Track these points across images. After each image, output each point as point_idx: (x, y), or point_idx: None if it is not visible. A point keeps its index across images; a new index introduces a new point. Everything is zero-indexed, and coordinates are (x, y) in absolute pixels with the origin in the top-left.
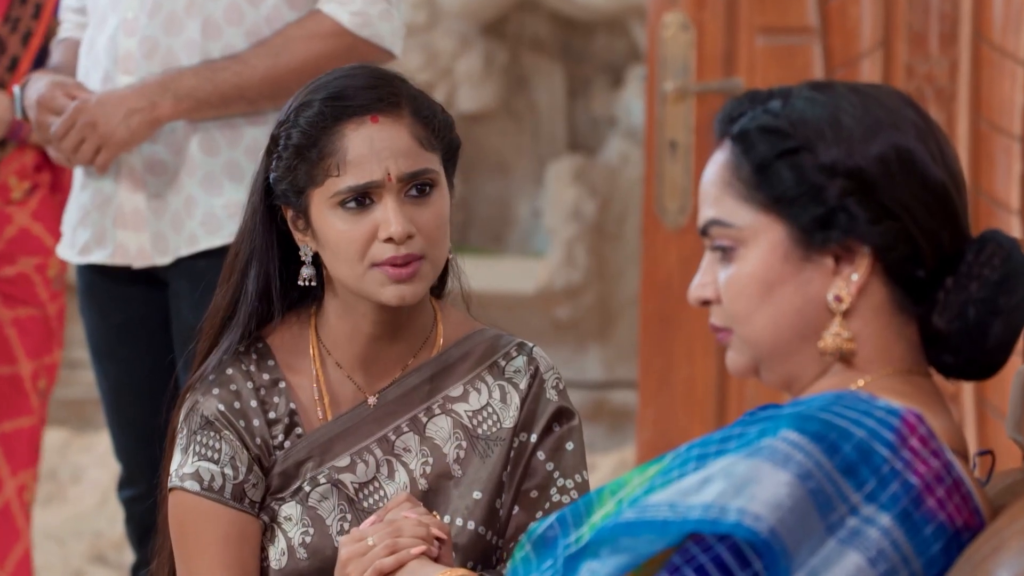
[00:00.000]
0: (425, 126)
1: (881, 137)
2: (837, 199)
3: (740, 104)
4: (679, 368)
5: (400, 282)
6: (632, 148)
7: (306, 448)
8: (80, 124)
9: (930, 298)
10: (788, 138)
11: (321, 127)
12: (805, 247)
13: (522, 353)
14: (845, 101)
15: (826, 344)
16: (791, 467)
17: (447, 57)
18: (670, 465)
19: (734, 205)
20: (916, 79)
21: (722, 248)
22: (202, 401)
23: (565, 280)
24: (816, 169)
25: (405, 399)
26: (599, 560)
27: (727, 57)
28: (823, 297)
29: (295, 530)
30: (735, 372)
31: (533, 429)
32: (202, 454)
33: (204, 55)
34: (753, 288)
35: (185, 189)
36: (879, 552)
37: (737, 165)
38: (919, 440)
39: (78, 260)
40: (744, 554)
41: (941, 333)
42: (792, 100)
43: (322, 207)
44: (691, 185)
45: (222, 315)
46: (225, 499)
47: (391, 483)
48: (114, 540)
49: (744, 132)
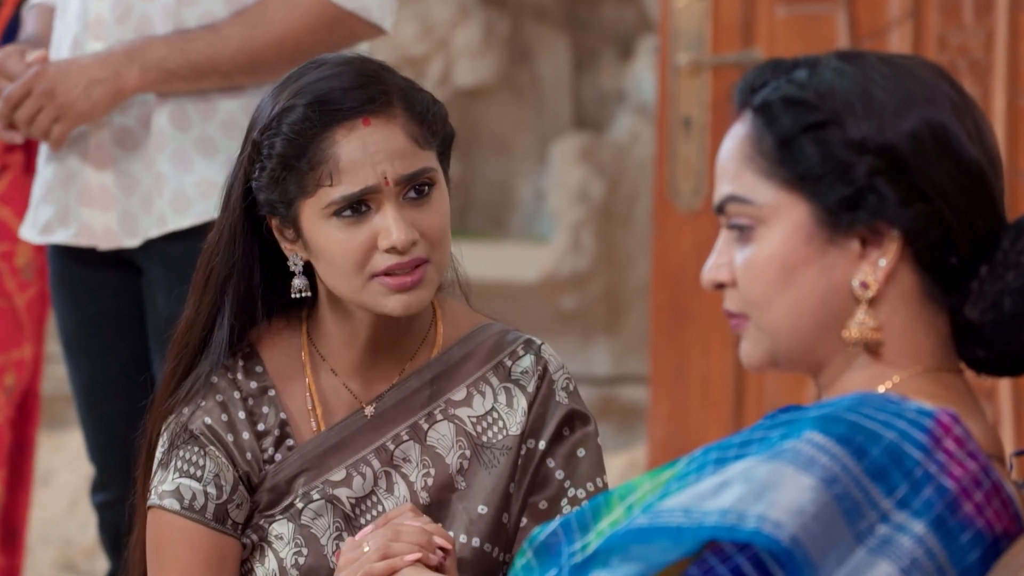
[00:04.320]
0: (419, 123)
1: (914, 112)
2: (866, 178)
3: (762, 73)
4: (693, 362)
5: (404, 291)
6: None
7: (298, 461)
8: (37, 92)
9: (962, 287)
10: (815, 111)
11: (309, 135)
12: (830, 229)
13: (530, 351)
14: (876, 73)
15: (851, 333)
16: (815, 471)
17: (444, 27)
18: (686, 469)
19: (754, 181)
20: (949, 51)
21: (740, 227)
22: (187, 413)
23: (570, 267)
24: (844, 145)
25: (404, 405)
26: (609, 569)
27: (745, 27)
28: (848, 283)
29: (287, 550)
30: (750, 366)
31: (542, 435)
32: (184, 470)
33: (179, 22)
34: (773, 271)
35: (155, 165)
36: (912, 562)
37: (759, 138)
38: (954, 441)
39: (40, 240)
40: (765, 565)
41: (974, 325)
42: (819, 70)
43: (314, 217)
44: (706, 165)
45: (198, 333)
46: (206, 520)
47: (390, 497)
48: (85, 547)
49: (767, 103)
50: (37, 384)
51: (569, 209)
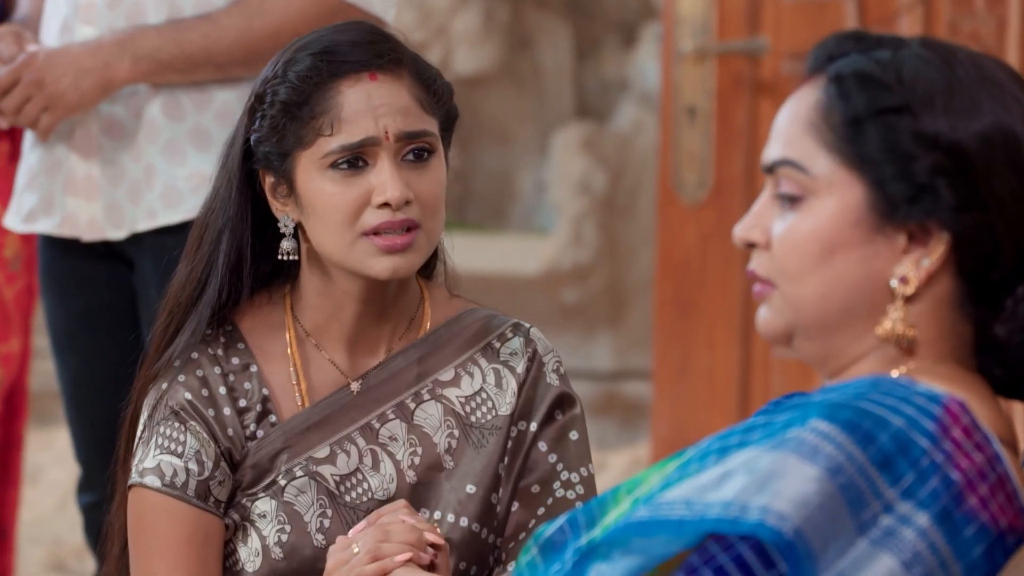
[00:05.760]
0: (426, 89)
1: (988, 115)
2: (927, 175)
3: (844, 42)
4: (698, 357)
5: (393, 253)
6: (646, 115)
7: (281, 438)
8: (26, 81)
9: (996, 303)
10: (891, 95)
11: (314, 83)
12: (881, 217)
13: (518, 334)
14: (960, 68)
15: (886, 329)
16: (820, 460)
17: (443, 14)
18: (689, 459)
19: (814, 149)
20: (960, 38)
21: (788, 196)
22: (167, 389)
23: (572, 260)
24: (913, 136)
25: (391, 383)
26: (609, 562)
27: (751, 14)
28: (886, 275)
29: (270, 528)
30: (766, 334)
31: (532, 417)
32: (165, 447)
33: (173, 9)
34: (814, 246)
35: (145, 156)
36: (915, 555)
37: (829, 109)
38: (962, 431)
39: (23, 228)
40: (768, 554)
41: (999, 342)
42: (903, 54)
43: (310, 170)
44: (711, 156)
45: (190, 291)
46: (188, 497)
47: (375, 475)
48: (74, 547)
49: (845, 75)
50: (25, 379)
51: (571, 200)
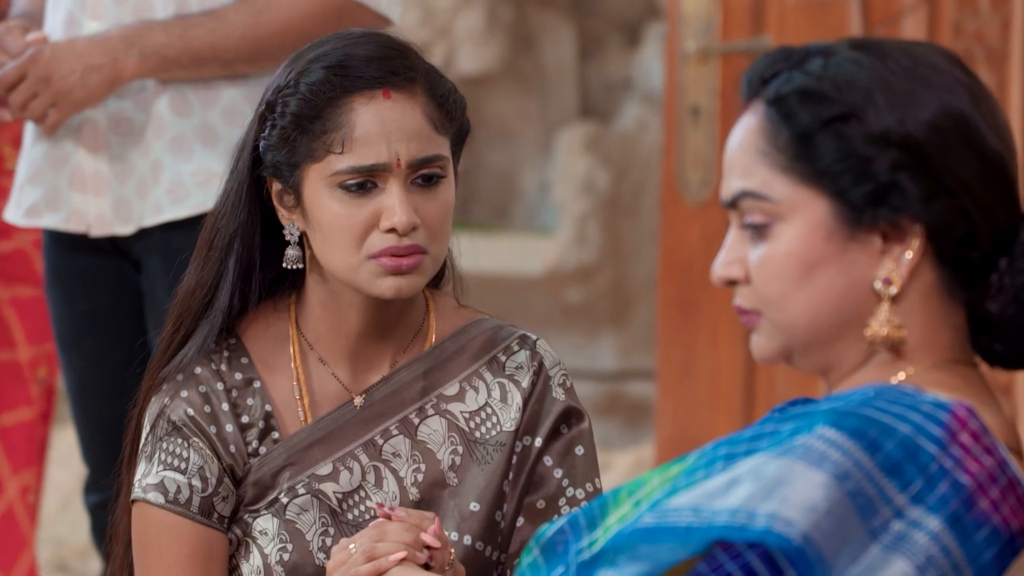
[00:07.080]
0: (439, 107)
1: (932, 102)
2: (888, 173)
3: (774, 62)
4: (702, 357)
5: (398, 274)
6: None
7: (283, 455)
8: (33, 77)
9: (981, 281)
10: (833, 104)
11: (327, 97)
12: (851, 225)
13: (525, 347)
14: (893, 62)
15: (875, 332)
16: (827, 467)
17: (446, 13)
18: (695, 464)
19: (769, 176)
20: (964, 38)
21: (754, 226)
22: (169, 404)
23: (576, 260)
24: (865, 139)
25: (395, 398)
26: (615, 569)
27: (755, 13)
28: (868, 280)
29: (271, 546)
30: (762, 359)
31: (538, 432)
32: (168, 463)
33: (180, 5)
34: (791, 270)
35: (152, 152)
36: (928, 559)
37: (774, 132)
38: (971, 436)
39: (25, 223)
40: (776, 562)
41: (993, 319)
42: (834, 60)
43: (318, 185)
44: (715, 155)
45: (200, 296)
46: (192, 513)
47: (378, 492)
48: (78, 547)
49: (782, 96)
50: (55, 380)
51: (574, 200)
